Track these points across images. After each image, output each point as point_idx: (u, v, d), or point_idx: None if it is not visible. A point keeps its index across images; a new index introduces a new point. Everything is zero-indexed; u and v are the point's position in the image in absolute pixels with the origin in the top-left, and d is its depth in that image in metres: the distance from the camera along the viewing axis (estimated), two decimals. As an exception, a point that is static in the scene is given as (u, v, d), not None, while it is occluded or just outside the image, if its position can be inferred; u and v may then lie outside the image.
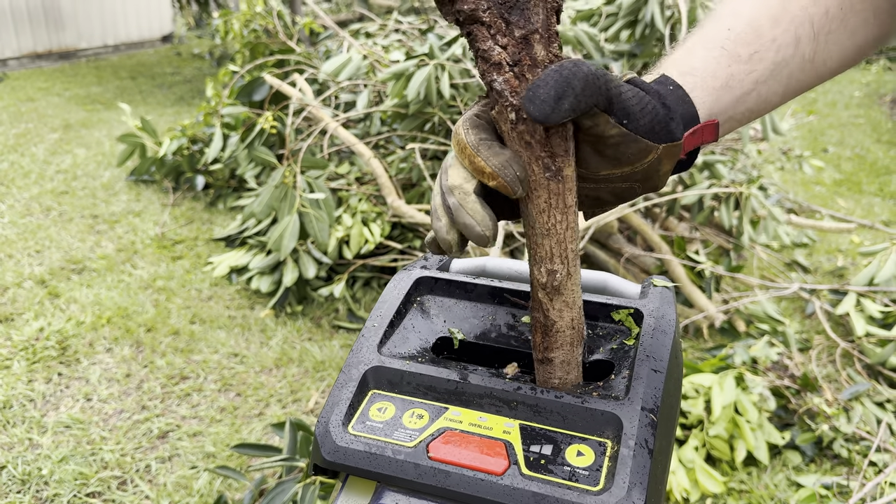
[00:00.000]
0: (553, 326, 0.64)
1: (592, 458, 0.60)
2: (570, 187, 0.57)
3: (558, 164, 0.56)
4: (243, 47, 3.59)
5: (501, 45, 0.51)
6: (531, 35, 0.51)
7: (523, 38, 0.51)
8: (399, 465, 0.62)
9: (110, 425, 2.09)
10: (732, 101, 0.63)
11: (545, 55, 0.52)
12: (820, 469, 1.98)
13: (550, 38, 0.52)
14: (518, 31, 0.51)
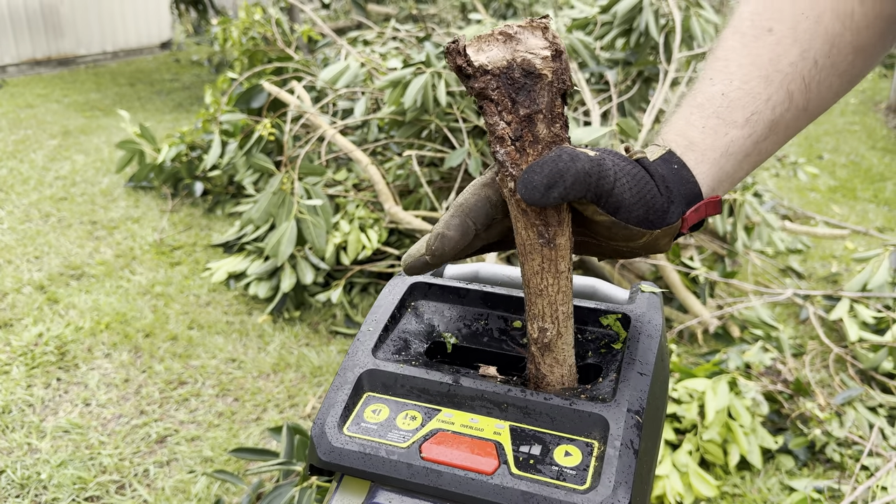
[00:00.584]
0: (543, 380, 0.68)
1: (580, 458, 0.62)
2: (563, 255, 0.61)
3: (551, 232, 0.60)
4: (242, 55, 3.62)
5: (506, 122, 0.55)
6: (535, 115, 0.55)
7: (527, 117, 0.55)
8: (392, 465, 0.64)
9: (109, 430, 2.11)
10: (734, 165, 0.65)
11: (547, 133, 0.56)
12: (812, 473, 2.00)
13: (554, 118, 0.56)
14: (522, 111, 0.55)
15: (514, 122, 0.55)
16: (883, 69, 8.32)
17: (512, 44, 0.55)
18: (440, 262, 0.62)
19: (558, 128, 0.56)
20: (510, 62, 0.54)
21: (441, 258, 0.61)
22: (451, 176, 2.88)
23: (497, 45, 0.55)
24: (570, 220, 0.61)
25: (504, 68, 0.54)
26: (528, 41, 0.55)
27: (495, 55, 0.55)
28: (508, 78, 0.55)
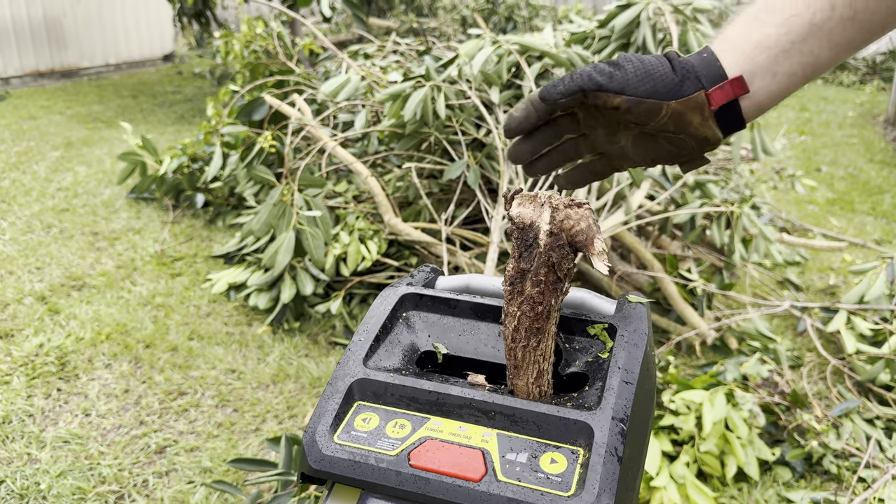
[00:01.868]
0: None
1: (565, 465, 0.63)
2: (545, 354, 0.72)
3: (540, 324, 0.71)
4: (244, 67, 3.65)
5: (513, 264, 0.69)
6: (527, 272, 0.68)
7: (522, 271, 0.69)
8: (382, 472, 0.65)
9: (108, 440, 2.11)
10: (770, 59, 0.69)
11: (531, 292, 0.69)
12: (810, 485, 2.01)
13: (537, 283, 0.68)
14: (523, 264, 0.69)
15: (515, 269, 0.69)
16: (882, 82, 8.35)
17: (540, 210, 0.68)
18: (513, 135, 0.79)
19: (537, 292, 0.68)
20: (529, 223, 0.68)
21: (510, 132, 0.78)
22: (450, 188, 2.90)
23: (533, 205, 0.69)
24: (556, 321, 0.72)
25: (524, 225, 0.68)
26: (545, 214, 0.68)
27: (525, 213, 0.69)
28: (524, 234, 0.68)
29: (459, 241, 2.77)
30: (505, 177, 2.54)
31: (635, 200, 2.46)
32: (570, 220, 0.67)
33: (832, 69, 8.06)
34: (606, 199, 2.44)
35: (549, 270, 0.68)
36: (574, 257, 0.69)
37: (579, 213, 0.68)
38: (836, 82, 8.63)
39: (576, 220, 0.67)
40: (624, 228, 2.58)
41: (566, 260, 0.68)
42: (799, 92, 7.84)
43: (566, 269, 0.69)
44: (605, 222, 2.43)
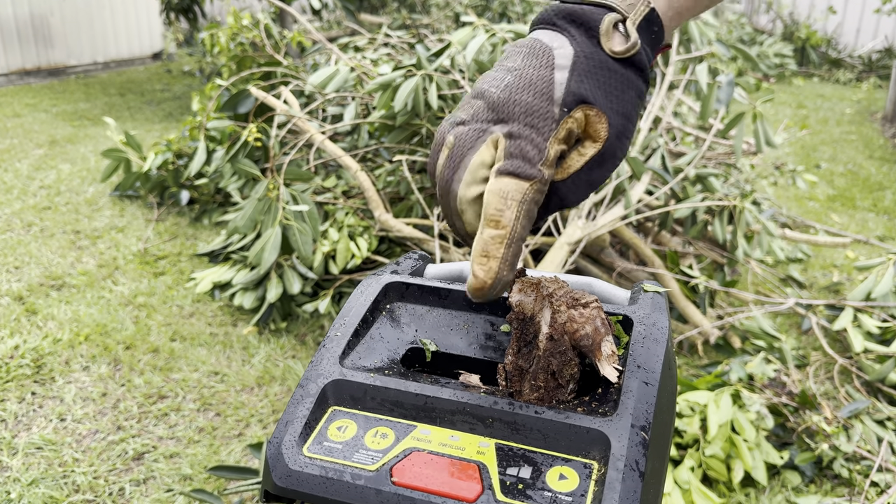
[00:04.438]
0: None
1: (577, 482, 0.54)
2: None
3: None
4: (230, 60, 3.54)
5: (511, 358, 0.62)
6: (525, 372, 0.61)
7: (521, 369, 0.61)
8: (359, 491, 0.55)
9: (84, 446, 2.01)
10: None
11: (528, 393, 0.60)
12: (820, 490, 1.91)
13: (536, 388, 0.60)
14: (521, 361, 0.61)
15: (514, 366, 0.61)
16: (878, 80, 8.31)
17: (541, 303, 0.60)
18: None
19: (535, 397, 0.60)
20: (530, 316, 0.61)
21: None
22: (442, 183, 2.80)
23: (535, 295, 0.61)
24: None
25: (524, 317, 0.61)
26: (545, 313, 0.60)
27: (525, 303, 0.61)
28: (524, 327, 0.61)
29: (453, 237, 2.67)
30: (500, 170, 2.45)
31: (635, 194, 2.37)
32: (573, 322, 0.59)
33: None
34: (605, 193, 2.34)
35: (548, 377, 0.60)
36: (577, 362, 0.60)
37: (585, 314, 0.59)
38: (832, 80, 8.58)
39: (580, 324, 0.59)
40: (623, 223, 2.48)
41: (568, 366, 0.60)
42: (795, 89, 7.78)
43: (568, 374, 0.60)
44: (604, 217, 2.33)
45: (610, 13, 0.57)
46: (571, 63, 0.56)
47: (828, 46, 9.10)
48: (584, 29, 0.57)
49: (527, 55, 0.58)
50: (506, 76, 0.57)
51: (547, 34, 0.59)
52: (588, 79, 0.56)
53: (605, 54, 0.57)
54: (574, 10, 0.58)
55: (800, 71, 8.76)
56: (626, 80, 0.58)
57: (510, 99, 0.56)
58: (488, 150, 0.56)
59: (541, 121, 0.55)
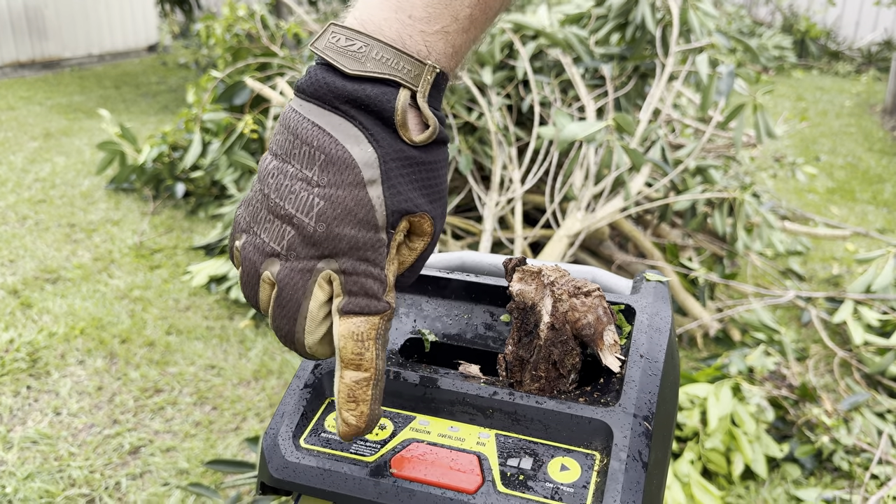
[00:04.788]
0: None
1: (578, 473, 0.52)
2: None
3: None
4: (225, 52, 3.52)
5: (511, 349, 0.61)
6: (526, 362, 0.60)
7: (521, 360, 0.60)
8: (357, 483, 0.54)
9: (79, 440, 1.99)
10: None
11: (528, 384, 0.59)
12: (820, 483, 1.91)
13: (536, 378, 0.59)
14: (521, 351, 0.60)
15: (514, 356, 0.60)
16: (877, 72, 8.29)
17: (542, 292, 0.59)
18: None
19: (536, 387, 0.59)
20: (530, 305, 0.60)
21: None
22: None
23: (536, 284, 0.60)
24: None
25: (525, 306, 0.60)
26: (546, 301, 0.59)
27: (526, 292, 0.60)
28: (524, 316, 0.60)
29: (451, 229, 2.66)
30: (498, 162, 2.43)
31: (635, 186, 2.35)
32: (575, 312, 0.58)
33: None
34: (604, 185, 2.33)
35: (549, 367, 0.59)
36: (579, 352, 0.59)
37: (587, 303, 0.58)
38: (831, 72, 8.56)
39: (582, 313, 0.58)
40: (622, 216, 2.47)
41: (570, 356, 0.59)
42: (795, 82, 7.77)
43: (570, 364, 0.59)
44: (603, 209, 2.32)
45: (399, 91, 0.50)
46: (381, 174, 0.50)
47: (827, 39, 9.09)
48: (378, 118, 0.50)
49: (326, 166, 0.50)
50: (311, 198, 0.50)
51: (331, 123, 0.50)
52: (403, 186, 0.51)
53: (408, 145, 0.51)
54: (359, 95, 0.50)
55: (799, 63, 8.74)
56: (434, 166, 0.53)
57: (330, 233, 0.50)
58: (322, 290, 0.51)
59: (372, 252, 0.50)
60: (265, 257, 0.52)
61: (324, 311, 0.52)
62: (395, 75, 0.50)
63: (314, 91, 0.51)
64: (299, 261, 0.51)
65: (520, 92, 2.67)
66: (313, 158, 0.50)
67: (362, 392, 0.51)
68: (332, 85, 0.50)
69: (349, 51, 0.50)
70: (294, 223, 0.50)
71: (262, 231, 0.52)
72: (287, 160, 0.51)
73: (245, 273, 0.53)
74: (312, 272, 0.51)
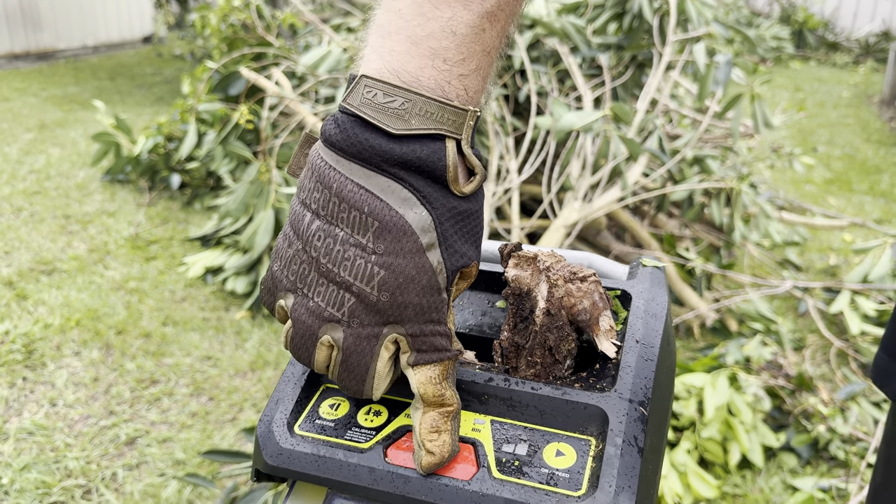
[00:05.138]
0: None
1: (574, 459, 0.52)
2: None
3: None
4: (221, 42, 3.50)
5: (507, 335, 0.60)
6: (521, 348, 0.59)
7: (517, 346, 0.59)
8: (352, 469, 0.53)
9: (76, 431, 1.99)
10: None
11: (524, 370, 0.59)
12: (816, 471, 1.91)
13: (532, 364, 0.59)
14: (517, 338, 0.59)
15: (509, 342, 0.59)
16: (875, 63, 8.28)
17: (538, 278, 0.59)
18: None
19: (532, 373, 0.58)
20: (526, 291, 0.59)
21: None
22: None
23: (531, 269, 0.59)
24: None
25: (520, 292, 0.59)
26: (542, 287, 0.58)
27: (522, 277, 0.59)
28: (520, 302, 0.59)
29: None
30: (495, 152, 2.42)
31: (632, 176, 2.35)
32: (571, 297, 0.58)
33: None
34: (601, 175, 2.32)
35: (545, 352, 0.58)
36: (575, 337, 0.59)
37: (583, 288, 0.57)
38: (829, 63, 8.55)
39: (578, 298, 0.57)
40: (620, 206, 2.46)
41: (565, 342, 0.58)
42: (792, 73, 7.76)
43: (566, 350, 0.58)
44: (601, 199, 2.32)
45: (446, 143, 0.48)
46: (438, 236, 0.49)
47: (825, 29, 9.07)
48: (429, 178, 0.49)
49: (381, 233, 0.48)
50: (370, 266, 0.49)
51: (380, 186, 0.49)
52: (458, 243, 0.51)
53: (459, 198, 0.50)
54: (409, 157, 0.48)
55: (797, 54, 8.73)
56: (478, 213, 0.52)
57: (395, 302, 0.49)
58: (388, 351, 0.52)
59: (437, 313, 0.51)
60: (323, 322, 0.51)
61: (389, 366, 0.53)
62: (441, 129, 0.48)
63: (356, 152, 0.49)
64: (364, 328, 0.50)
65: (517, 81, 2.66)
66: (366, 225, 0.49)
67: (444, 423, 0.52)
68: (378, 148, 0.48)
69: (390, 108, 0.48)
70: (354, 291, 0.50)
71: (315, 295, 0.51)
72: (333, 223, 0.50)
73: (299, 335, 0.53)
74: (378, 338, 0.51)
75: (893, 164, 4.69)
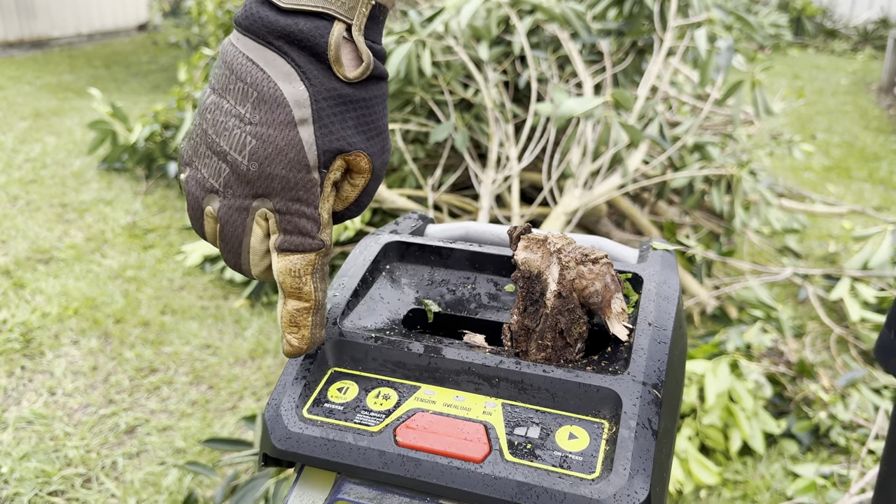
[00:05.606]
0: None
1: (587, 442, 0.51)
2: None
3: None
4: (217, 29, 3.47)
5: (516, 317, 0.60)
6: (532, 332, 0.59)
7: (526, 329, 0.59)
8: (361, 453, 0.52)
9: (75, 420, 1.98)
10: None
11: (534, 353, 0.59)
12: (817, 458, 1.91)
13: (543, 347, 0.58)
14: (527, 321, 0.59)
15: (519, 325, 0.59)
16: (873, 50, 8.26)
17: (549, 260, 0.58)
18: None
19: (542, 357, 0.58)
20: (536, 274, 0.59)
21: None
22: (436, 153, 2.76)
23: (542, 252, 0.59)
24: None
25: (531, 275, 0.59)
26: (553, 269, 0.58)
27: (532, 260, 0.59)
28: (530, 285, 0.59)
29: (447, 208, 2.64)
30: (495, 139, 2.41)
31: (632, 163, 2.33)
32: (582, 279, 0.57)
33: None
34: (602, 162, 2.31)
35: (556, 336, 0.58)
36: (587, 320, 0.58)
37: (594, 270, 0.57)
38: (827, 50, 8.52)
39: (590, 280, 0.57)
40: (620, 193, 2.45)
41: (577, 324, 0.58)
42: (791, 60, 7.73)
43: (577, 333, 0.58)
44: (601, 186, 2.30)
45: (333, 24, 0.49)
46: (312, 113, 0.50)
47: (823, 17, 9.04)
48: (311, 54, 0.49)
49: (258, 104, 0.49)
50: (244, 136, 0.50)
51: (265, 58, 0.50)
52: (336, 125, 0.51)
53: (342, 83, 0.50)
54: (292, 29, 0.49)
55: (795, 41, 8.70)
56: (370, 102, 0.52)
57: (262, 173, 0.50)
58: (260, 227, 0.52)
59: (304, 192, 0.51)
60: (206, 193, 0.53)
61: (265, 245, 0.54)
62: (328, 8, 0.49)
63: (249, 25, 0.50)
64: (236, 199, 0.52)
65: (516, 68, 2.64)
66: (247, 95, 0.50)
67: (303, 319, 0.54)
68: (266, 19, 0.49)
69: None
70: (228, 161, 0.51)
71: (203, 166, 0.53)
72: (223, 95, 0.51)
73: (190, 207, 0.55)
74: (248, 210, 0.52)
75: (892, 151, 4.69)
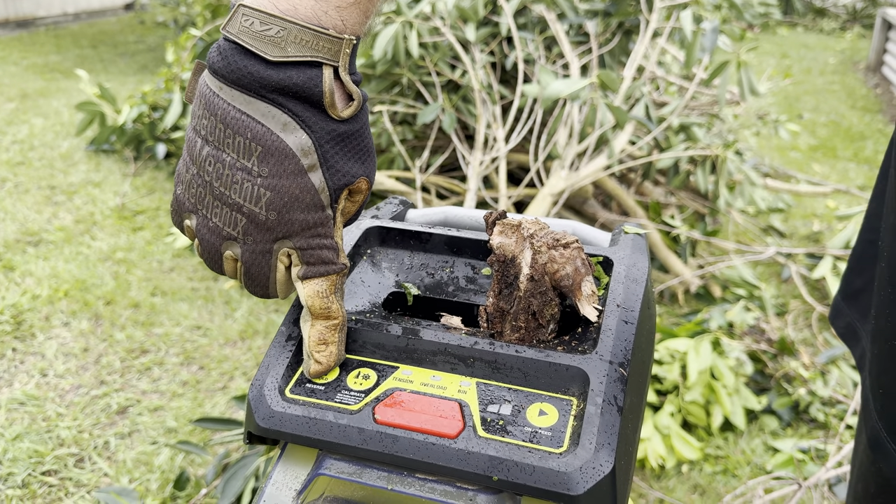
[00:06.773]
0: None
1: (556, 418, 0.54)
2: None
3: None
4: (204, 9, 3.45)
5: (493, 300, 0.61)
6: (506, 314, 0.61)
7: (501, 311, 0.61)
8: (342, 430, 0.55)
9: (67, 401, 2.00)
10: None
11: (509, 334, 0.61)
12: (797, 433, 1.96)
13: (517, 328, 0.60)
14: (502, 303, 0.61)
15: (495, 307, 0.61)
16: (862, 29, 8.27)
17: (522, 245, 0.60)
18: None
19: (516, 338, 0.60)
20: (511, 258, 0.60)
21: None
22: (424, 134, 2.77)
23: (516, 237, 0.60)
24: None
25: (505, 258, 0.60)
26: (526, 254, 0.60)
27: (506, 245, 0.60)
28: (505, 268, 0.60)
29: (435, 189, 2.66)
30: (482, 121, 2.42)
31: (618, 144, 2.35)
32: (554, 263, 0.60)
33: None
34: (588, 143, 2.33)
35: (529, 317, 0.60)
36: (558, 302, 0.61)
37: (566, 254, 0.59)
38: (816, 29, 8.53)
39: (561, 264, 0.59)
40: (606, 174, 2.47)
41: (549, 306, 0.61)
42: (780, 39, 7.74)
43: (549, 315, 0.60)
44: (587, 167, 2.33)
45: (323, 71, 0.51)
46: (319, 157, 0.52)
47: (812, -5, 9.03)
48: (307, 103, 0.51)
49: (264, 157, 0.51)
50: (256, 189, 0.52)
51: (260, 111, 0.51)
52: (340, 163, 0.54)
53: (338, 122, 0.53)
54: (286, 83, 0.50)
55: (784, 20, 8.69)
56: (361, 132, 0.55)
57: (282, 220, 0.53)
58: (283, 263, 0.56)
59: (322, 228, 0.55)
60: (223, 240, 0.56)
61: (288, 276, 0.57)
62: (317, 56, 0.50)
63: (237, 78, 0.50)
64: (257, 244, 0.55)
65: (504, 49, 2.65)
66: (249, 149, 0.51)
67: (331, 335, 0.58)
68: (256, 74, 0.50)
69: (266, 36, 0.50)
70: (244, 212, 0.53)
71: (213, 216, 0.55)
72: (220, 148, 0.52)
73: (206, 251, 0.57)
74: (272, 253, 0.55)
75: (878, 130, 4.72)
